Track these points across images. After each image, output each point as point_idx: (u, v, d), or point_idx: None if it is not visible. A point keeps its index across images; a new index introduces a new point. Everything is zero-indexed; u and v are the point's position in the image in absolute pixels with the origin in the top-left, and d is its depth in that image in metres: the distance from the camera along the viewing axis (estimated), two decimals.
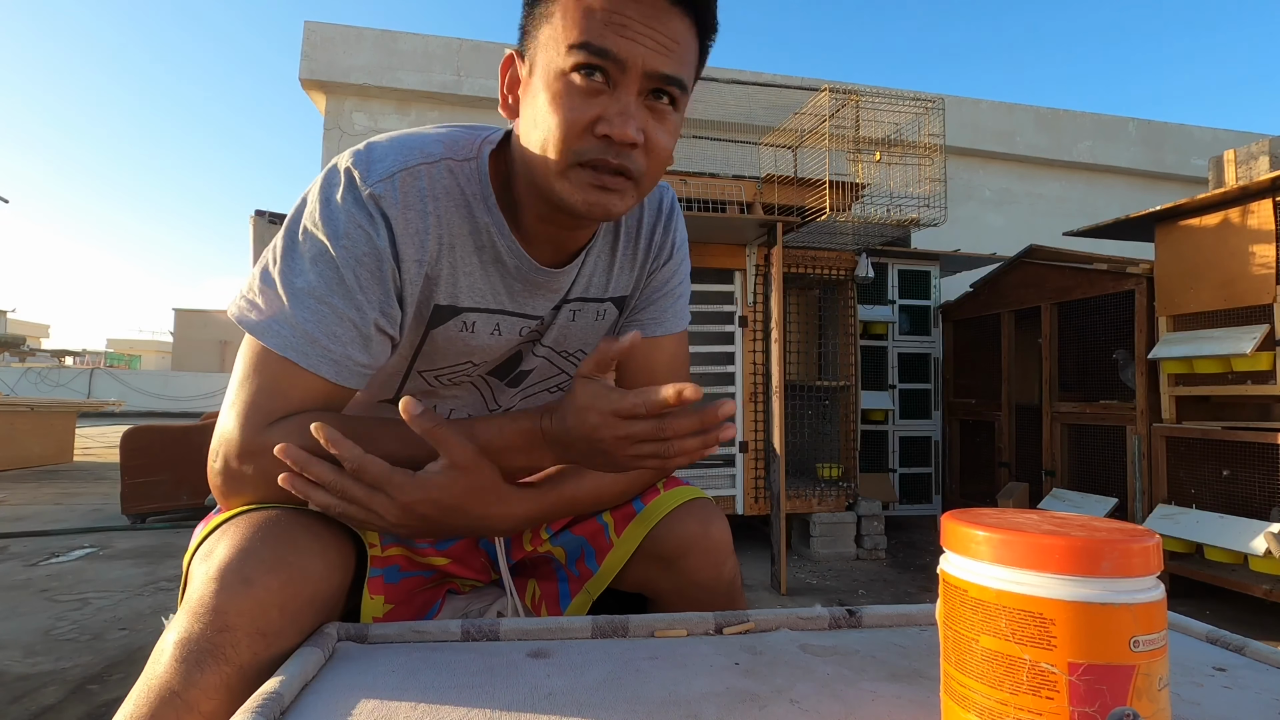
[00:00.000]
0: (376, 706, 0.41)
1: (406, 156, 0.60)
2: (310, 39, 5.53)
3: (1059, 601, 0.32)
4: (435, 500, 0.55)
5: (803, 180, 3.01)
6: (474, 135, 0.65)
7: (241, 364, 0.57)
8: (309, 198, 0.59)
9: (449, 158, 0.62)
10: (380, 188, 0.58)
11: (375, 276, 0.58)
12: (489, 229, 0.63)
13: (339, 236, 0.57)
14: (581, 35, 0.53)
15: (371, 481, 0.54)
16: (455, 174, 0.62)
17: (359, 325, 0.58)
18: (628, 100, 0.54)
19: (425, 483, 0.55)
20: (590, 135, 0.54)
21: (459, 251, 0.63)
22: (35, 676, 1.55)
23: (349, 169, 0.59)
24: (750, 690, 0.44)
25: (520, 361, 0.74)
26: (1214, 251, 2.28)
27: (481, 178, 0.63)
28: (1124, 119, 6.71)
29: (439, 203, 0.61)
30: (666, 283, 0.76)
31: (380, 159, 0.60)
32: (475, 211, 0.63)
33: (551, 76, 0.55)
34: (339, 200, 0.58)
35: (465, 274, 0.64)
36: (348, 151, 0.61)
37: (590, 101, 0.54)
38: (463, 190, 0.62)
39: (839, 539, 3.00)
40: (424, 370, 0.69)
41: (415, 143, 0.62)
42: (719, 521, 0.72)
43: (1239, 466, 2.30)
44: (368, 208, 0.58)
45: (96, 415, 12.17)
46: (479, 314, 0.66)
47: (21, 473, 4.89)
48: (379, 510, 0.54)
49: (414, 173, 0.60)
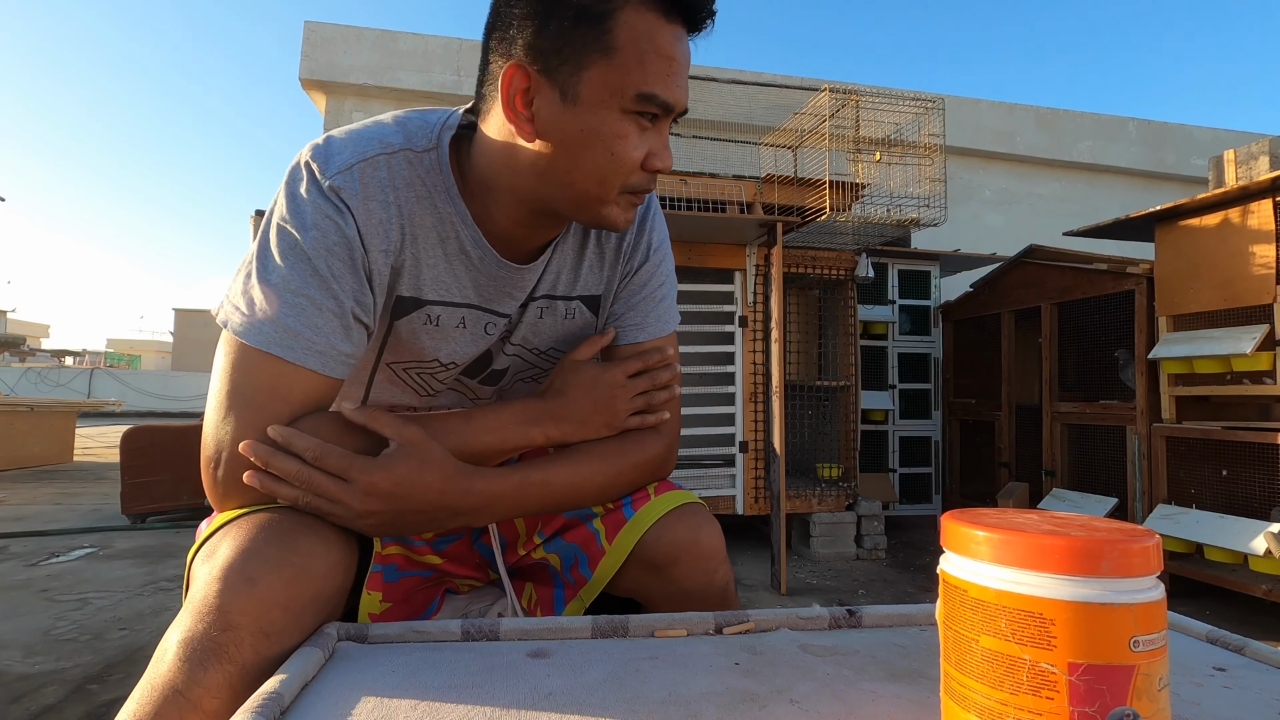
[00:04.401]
0: (376, 706, 0.41)
1: (364, 148, 0.60)
2: (310, 39, 5.53)
3: (1059, 601, 0.32)
4: (398, 480, 0.56)
5: (803, 180, 3.00)
6: (431, 121, 0.64)
7: (227, 365, 0.57)
8: (277, 196, 0.60)
9: (407, 148, 0.62)
10: (340, 179, 0.58)
11: (347, 265, 0.59)
12: (452, 219, 0.63)
13: (307, 228, 0.57)
14: (650, 86, 0.56)
15: (333, 469, 0.55)
16: (414, 165, 0.62)
17: (338, 314, 0.58)
18: (666, 135, 0.61)
19: (383, 463, 0.56)
20: (640, 169, 0.60)
21: (421, 243, 0.63)
22: (35, 676, 1.55)
23: (308, 163, 0.59)
24: (750, 690, 0.44)
25: (491, 361, 0.74)
26: (1214, 251, 2.28)
27: (443, 168, 0.62)
28: (1124, 119, 6.71)
29: (400, 193, 0.61)
30: (645, 285, 0.75)
31: (338, 151, 0.60)
32: (438, 202, 0.63)
33: (613, 116, 0.57)
34: (304, 194, 0.58)
35: (429, 266, 0.64)
36: (307, 146, 0.61)
37: (643, 139, 0.59)
38: (424, 181, 0.62)
39: (839, 539, 3.00)
40: (392, 362, 0.69)
41: (372, 133, 0.62)
42: (710, 527, 0.69)
43: (1239, 466, 2.30)
44: (330, 199, 0.58)
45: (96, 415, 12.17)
46: (443, 307, 0.66)
47: (21, 473, 4.89)
48: (344, 499, 0.55)
49: (373, 163, 0.60)
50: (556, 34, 0.55)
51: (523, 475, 0.63)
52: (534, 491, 0.64)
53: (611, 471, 0.68)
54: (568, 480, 0.65)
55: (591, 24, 0.54)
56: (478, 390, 0.76)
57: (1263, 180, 2.11)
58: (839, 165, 2.89)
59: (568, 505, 0.67)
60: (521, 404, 0.67)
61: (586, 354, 0.72)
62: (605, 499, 0.70)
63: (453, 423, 0.63)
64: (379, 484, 0.56)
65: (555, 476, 0.65)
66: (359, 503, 0.55)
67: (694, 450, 2.90)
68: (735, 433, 2.94)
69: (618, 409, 0.69)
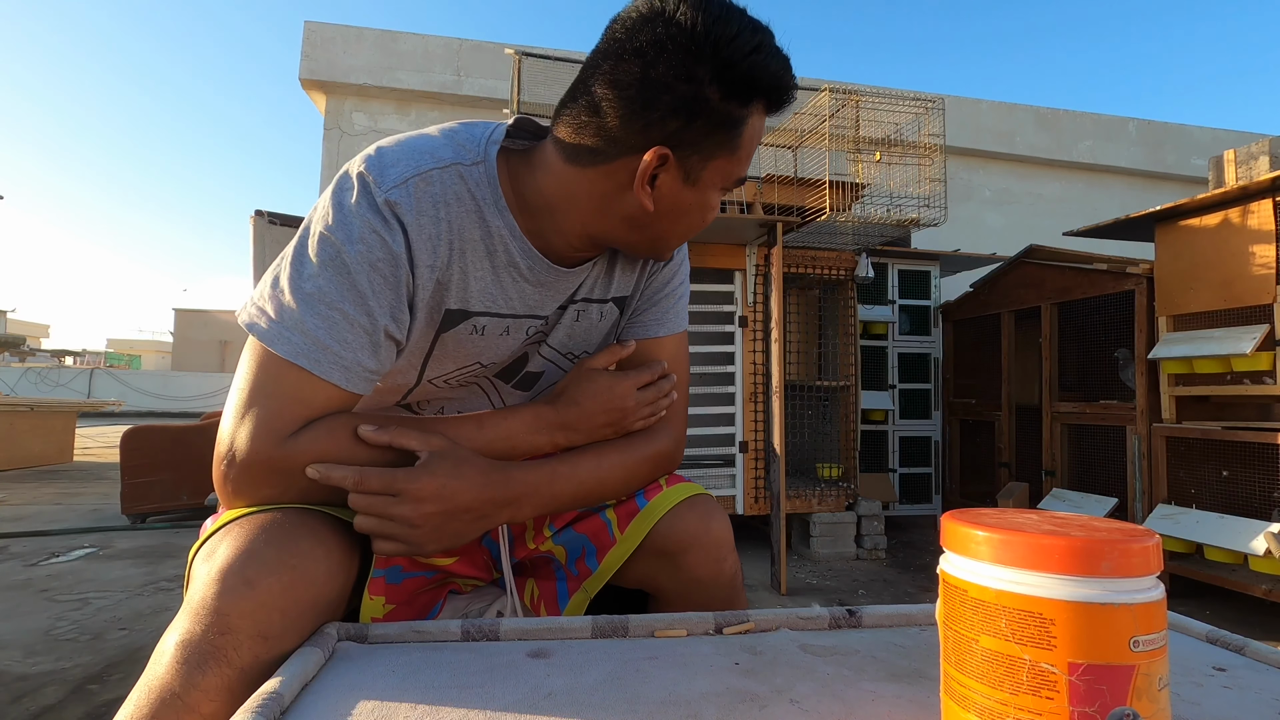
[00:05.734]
0: (376, 706, 0.41)
1: (419, 162, 0.60)
2: (310, 39, 5.53)
3: (1059, 601, 0.32)
4: (442, 482, 0.57)
5: (803, 180, 3.01)
6: (477, 135, 0.65)
7: (250, 370, 0.57)
8: (320, 204, 0.59)
9: (458, 162, 0.62)
10: (396, 194, 0.58)
11: (389, 282, 0.59)
12: (500, 232, 0.64)
13: (354, 241, 0.57)
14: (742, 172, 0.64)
15: (378, 488, 0.56)
16: (465, 178, 0.62)
17: (369, 331, 0.58)
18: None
19: (422, 470, 0.57)
20: None
21: (470, 256, 0.63)
22: (35, 676, 1.55)
23: (362, 174, 0.59)
24: (750, 690, 0.44)
25: (526, 363, 0.74)
26: (1214, 251, 2.28)
27: (491, 181, 0.63)
28: (1124, 119, 6.72)
29: (450, 208, 0.61)
30: (667, 284, 0.77)
31: (393, 164, 0.60)
32: (486, 215, 0.63)
33: (716, 195, 0.65)
34: (353, 205, 0.58)
35: (476, 278, 0.64)
36: (359, 157, 0.61)
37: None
38: (473, 194, 0.62)
39: (839, 539, 3.00)
40: (434, 378, 0.69)
41: (424, 146, 0.62)
42: (720, 518, 0.72)
43: (1239, 466, 2.30)
44: (384, 214, 0.58)
45: (96, 415, 12.17)
46: (489, 318, 0.66)
47: (21, 473, 4.89)
48: (397, 512, 0.56)
49: (427, 178, 0.60)
50: (700, 131, 0.59)
51: (552, 467, 0.65)
52: (564, 483, 0.66)
53: (630, 464, 0.70)
54: (592, 472, 0.68)
55: (730, 129, 0.59)
56: (505, 393, 0.76)
57: (1263, 180, 2.11)
58: (839, 165, 2.89)
59: (593, 497, 0.69)
60: (533, 411, 0.68)
61: (604, 362, 0.73)
62: (625, 491, 0.72)
63: (464, 429, 0.64)
64: (425, 488, 0.57)
65: (581, 469, 0.67)
66: (413, 511, 0.56)
67: (694, 450, 2.90)
68: (735, 433, 2.94)
69: (627, 422, 0.71)
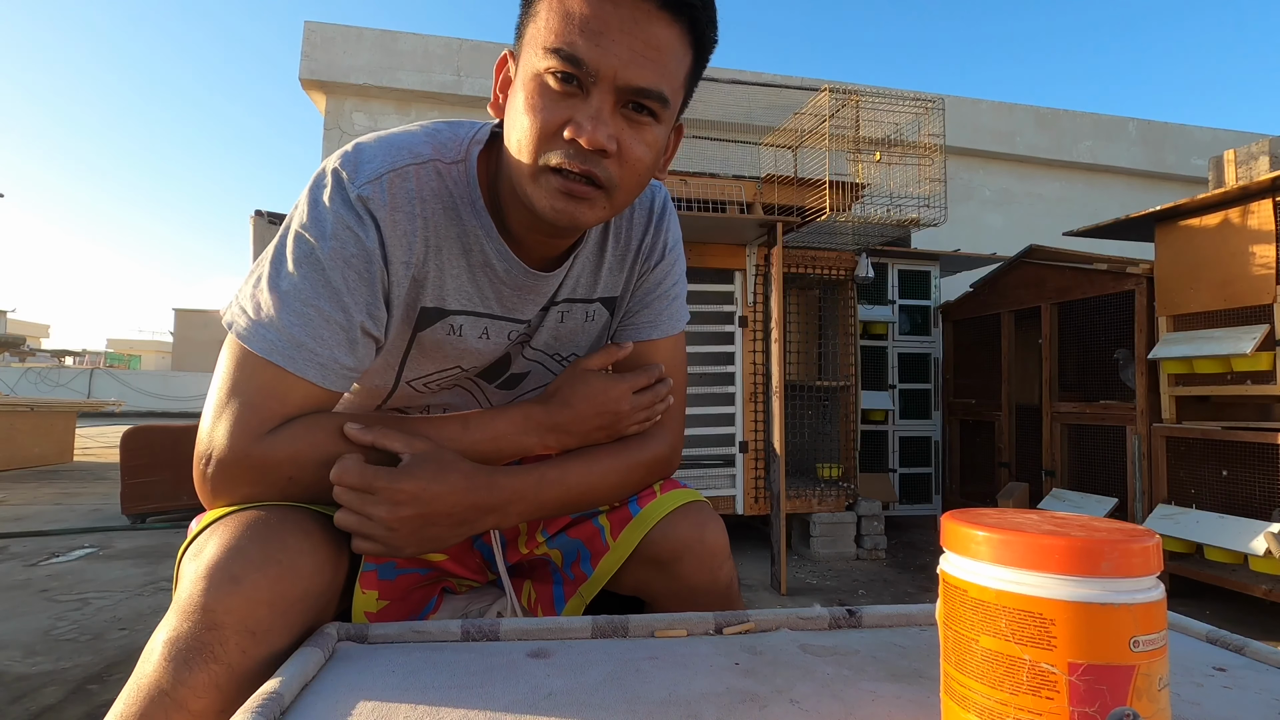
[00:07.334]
0: (376, 707, 0.41)
1: (395, 157, 0.60)
2: (310, 39, 5.52)
3: (1059, 601, 0.32)
4: (422, 484, 0.56)
5: (803, 180, 3.00)
6: (461, 134, 0.64)
7: (228, 368, 0.57)
8: (298, 202, 0.59)
9: (437, 159, 0.62)
10: (368, 189, 0.58)
11: (363, 278, 0.58)
12: (476, 232, 0.63)
13: (326, 237, 0.57)
14: (558, 40, 0.53)
15: (356, 484, 0.55)
16: (443, 176, 0.62)
17: (345, 328, 0.58)
18: (600, 106, 0.54)
19: (403, 471, 0.56)
20: (559, 139, 0.54)
21: (446, 254, 0.63)
22: (35, 676, 1.54)
23: (337, 170, 0.59)
24: (750, 690, 0.44)
25: (510, 364, 0.74)
26: (1214, 251, 2.28)
27: (470, 180, 0.62)
28: (1124, 119, 6.71)
29: (427, 205, 0.61)
30: (659, 284, 0.75)
31: (369, 160, 0.59)
32: (463, 215, 0.62)
33: (528, 77, 0.55)
34: (326, 202, 0.58)
35: (452, 277, 0.64)
36: (336, 153, 0.61)
37: (562, 104, 0.54)
38: (451, 193, 0.62)
39: (839, 539, 3.00)
40: (412, 380, 0.69)
41: (403, 142, 0.61)
42: (715, 525, 0.71)
43: (1239, 466, 2.30)
44: (357, 209, 0.58)
45: (96, 415, 12.16)
46: (466, 317, 0.66)
47: (21, 473, 4.88)
48: (372, 511, 0.55)
49: (402, 174, 0.60)
50: (521, 10, 0.57)
51: (540, 472, 0.63)
52: (552, 489, 0.64)
53: (623, 469, 0.68)
54: (583, 478, 0.66)
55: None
56: (490, 393, 0.75)
57: (1263, 180, 2.11)
58: (839, 165, 2.89)
59: (584, 503, 0.67)
60: (523, 411, 0.67)
61: (598, 364, 0.71)
62: (617, 497, 0.70)
63: (450, 429, 0.63)
64: (403, 491, 0.55)
65: (571, 474, 0.65)
66: (389, 513, 0.55)
67: (694, 450, 2.90)
68: (735, 433, 2.93)
69: (621, 425, 0.69)
